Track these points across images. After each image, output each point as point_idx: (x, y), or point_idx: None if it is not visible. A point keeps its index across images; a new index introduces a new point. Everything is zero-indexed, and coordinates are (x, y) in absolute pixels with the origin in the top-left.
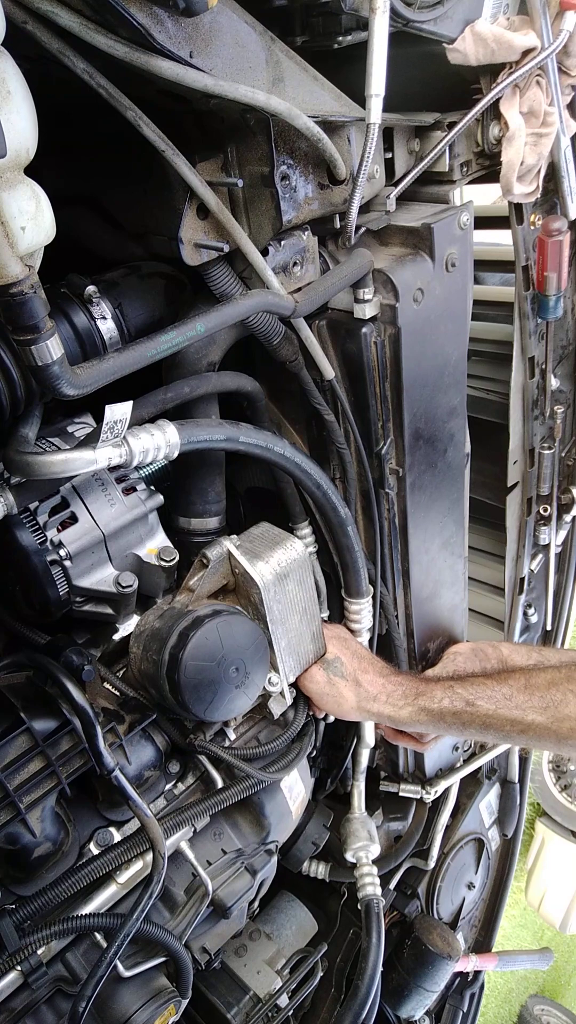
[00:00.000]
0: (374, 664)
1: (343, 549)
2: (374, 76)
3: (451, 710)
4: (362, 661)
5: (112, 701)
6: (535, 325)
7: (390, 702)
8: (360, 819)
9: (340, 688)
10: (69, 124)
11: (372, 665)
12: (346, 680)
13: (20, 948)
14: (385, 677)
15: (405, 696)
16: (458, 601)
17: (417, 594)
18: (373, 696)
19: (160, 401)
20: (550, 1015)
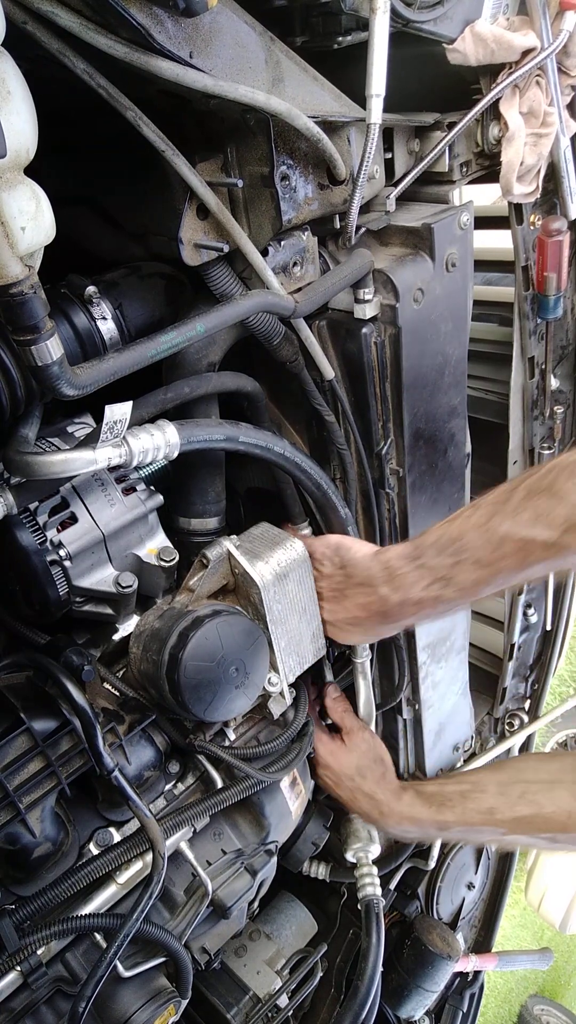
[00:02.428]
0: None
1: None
2: (374, 76)
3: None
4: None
5: (112, 701)
6: (535, 325)
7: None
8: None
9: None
10: (69, 124)
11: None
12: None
13: (20, 948)
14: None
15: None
16: None
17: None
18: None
19: (160, 401)
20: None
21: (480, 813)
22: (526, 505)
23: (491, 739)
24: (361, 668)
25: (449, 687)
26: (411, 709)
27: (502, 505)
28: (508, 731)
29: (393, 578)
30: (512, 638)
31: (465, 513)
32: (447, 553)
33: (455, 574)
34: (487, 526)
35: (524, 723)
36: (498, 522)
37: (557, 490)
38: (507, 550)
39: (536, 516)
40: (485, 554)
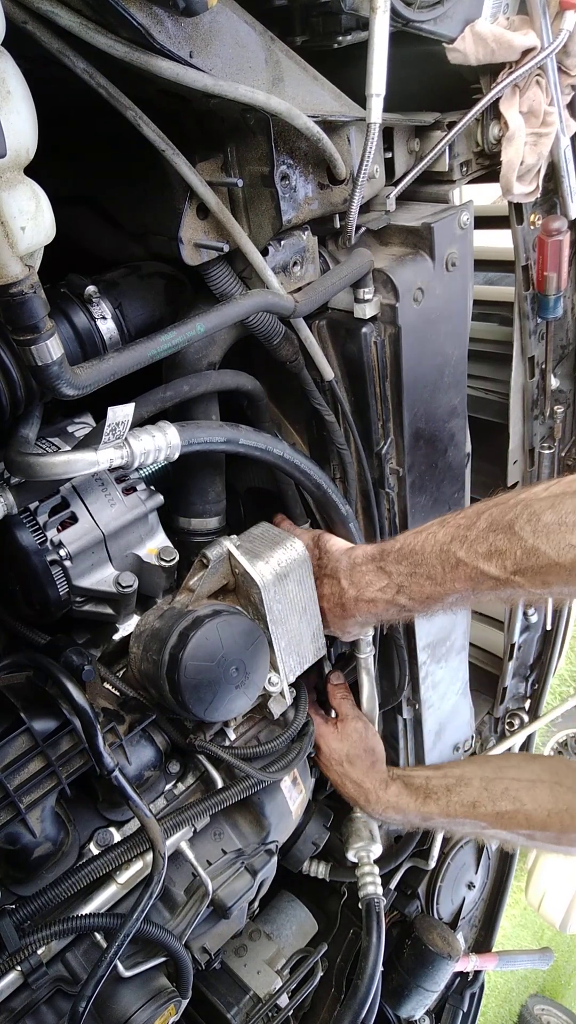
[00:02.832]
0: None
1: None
2: (374, 76)
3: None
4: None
5: (112, 701)
6: (535, 325)
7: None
8: (362, 819)
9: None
10: (69, 124)
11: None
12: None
13: (20, 948)
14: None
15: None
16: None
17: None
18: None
19: (160, 400)
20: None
21: (463, 806)
22: (485, 537)
23: (491, 739)
24: (364, 664)
25: (449, 687)
26: (411, 709)
27: (465, 531)
28: (508, 731)
29: (354, 573)
30: (512, 638)
31: (432, 527)
32: (406, 563)
33: (409, 584)
34: (447, 548)
35: (524, 723)
36: (456, 547)
37: (516, 531)
38: (460, 575)
39: (491, 552)
40: (439, 573)
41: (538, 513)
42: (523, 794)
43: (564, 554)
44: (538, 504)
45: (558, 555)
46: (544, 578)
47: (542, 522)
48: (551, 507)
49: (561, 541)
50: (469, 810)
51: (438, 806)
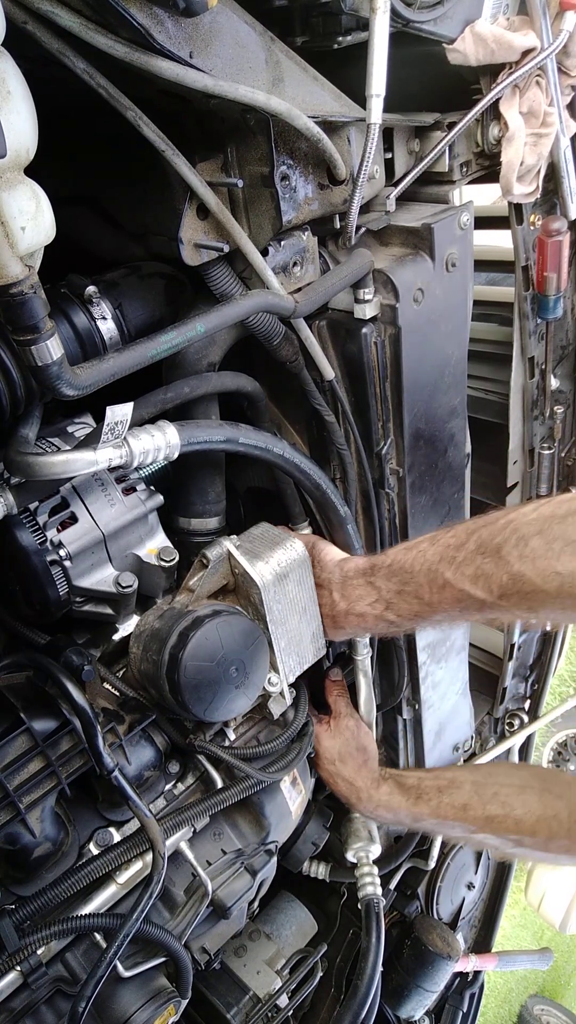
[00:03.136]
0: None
1: (344, 549)
2: (374, 76)
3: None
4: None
5: (112, 701)
6: (535, 325)
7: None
8: (361, 819)
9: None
10: (69, 124)
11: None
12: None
13: (20, 948)
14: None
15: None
16: None
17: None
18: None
19: (160, 401)
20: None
21: (454, 808)
22: (472, 560)
23: (491, 739)
24: (362, 666)
25: (449, 687)
26: (411, 709)
27: (454, 551)
28: (508, 731)
29: (345, 587)
30: (512, 638)
31: (423, 545)
32: (395, 580)
33: (397, 601)
34: (435, 568)
35: (524, 723)
36: (444, 567)
37: (503, 555)
38: (447, 596)
39: (477, 575)
40: (427, 592)
41: (526, 537)
42: (512, 799)
43: (549, 581)
44: (526, 528)
45: (543, 582)
46: (530, 603)
47: (529, 547)
48: (539, 532)
49: (547, 568)
50: (459, 812)
51: (429, 807)
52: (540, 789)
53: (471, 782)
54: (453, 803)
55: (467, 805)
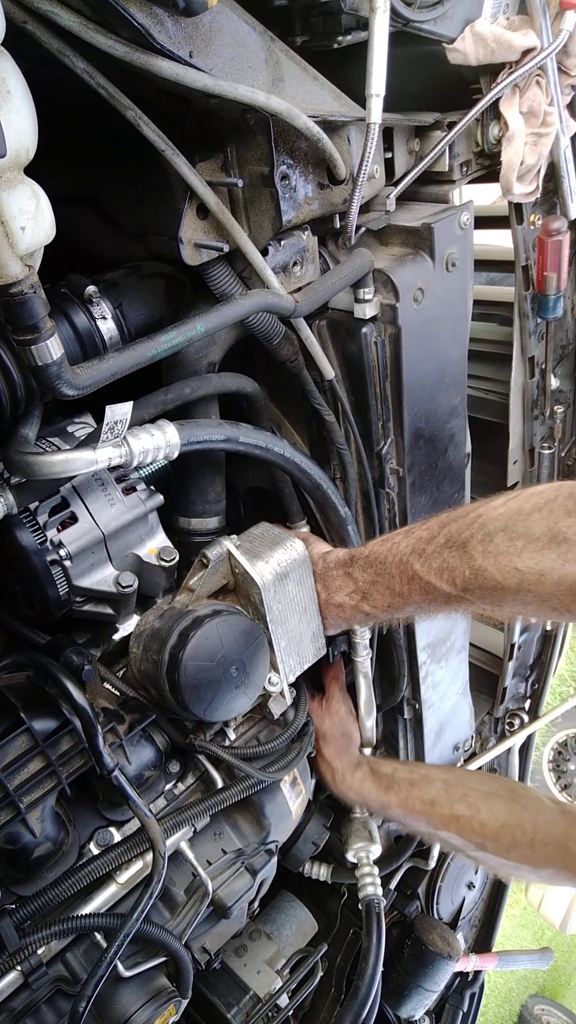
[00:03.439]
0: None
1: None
2: (374, 76)
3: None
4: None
5: (112, 701)
6: (535, 325)
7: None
8: (361, 819)
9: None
10: (69, 124)
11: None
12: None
13: (20, 948)
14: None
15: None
16: None
17: None
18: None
19: (161, 402)
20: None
21: (422, 803)
22: (440, 553)
23: (491, 739)
24: (362, 667)
25: (449, 687)
26: (411, 709)
27: (424, 544)
28: (508, 731)
29: (326, 578)
30: (512, 638)
31: (397, 537)
32: (371, 571)
33: (372, 592)
34: (406, 560)
35: (524, 723)
36: (414, 559)
37: (469, 550)
38: (416, 587)
39: (443, 568)
40: (398, 584)
41: (491, 533)
42: (480, 803)
43: (508, 577)
44: (492, 523)
45: (503, 578)
46: (492, 598)
47: (493, 543)
48: (503, 528)
49: (507, 564)
50: (427, 807)
51: (398, 797)
52: (508, 799)
53: (442, 780)
54: (422, 797)
55: (435, 801)
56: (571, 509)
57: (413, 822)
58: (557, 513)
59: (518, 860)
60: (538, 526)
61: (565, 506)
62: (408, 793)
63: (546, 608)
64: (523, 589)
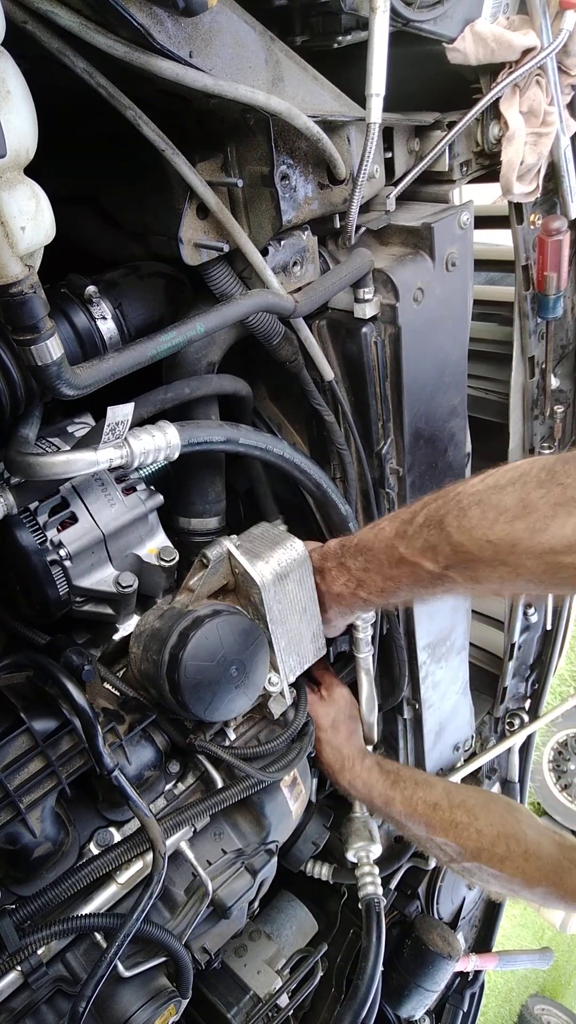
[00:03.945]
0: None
1: None
2: (374, 76)
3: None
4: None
5: (112, 701)
6: (535, 325)
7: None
8: (362, 819)
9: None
10: (69, 124)
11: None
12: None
13: (20, 948)
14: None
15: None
16: (460, 601)
17: None
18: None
19: (160, 401)
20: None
21: (425, 804)
22: (420, 533)
23: (491, 738)
24: (364, 664)
25: (449, 687)
26: (411, 709)
27: (406, 525)
28: (508, 731)
29: (322, 569)
30: (512, 638)
31: (383, 523)
32: (361, 558)
33: (365, 579)
34: (392, 543)
35: (524, 723)
36: (398, 542)
37: (444, 527)
38: (403, 570)
39: (425, 547)
40: (387, 568)
41: (466, 508)
42: (478, 811)
43: (483, 550)
44: (468, 499)
45: (479, 551)
46: (472, 573)
47: (467, 517)
48: (478, 502)
49: (481, 537)
50: (429, 809)
51: (403, 795)
52: (504, 810)
53: (443, 786)
54: (425, 799)
55: (437, 804)
56: (543, 480)
57: (412, 824)
58: (529, 485)
59: (512, 872)
60: (510, 498)
61: (538, 478)
62: (412, 792)
63: (521, 581)
64: (498, 561)
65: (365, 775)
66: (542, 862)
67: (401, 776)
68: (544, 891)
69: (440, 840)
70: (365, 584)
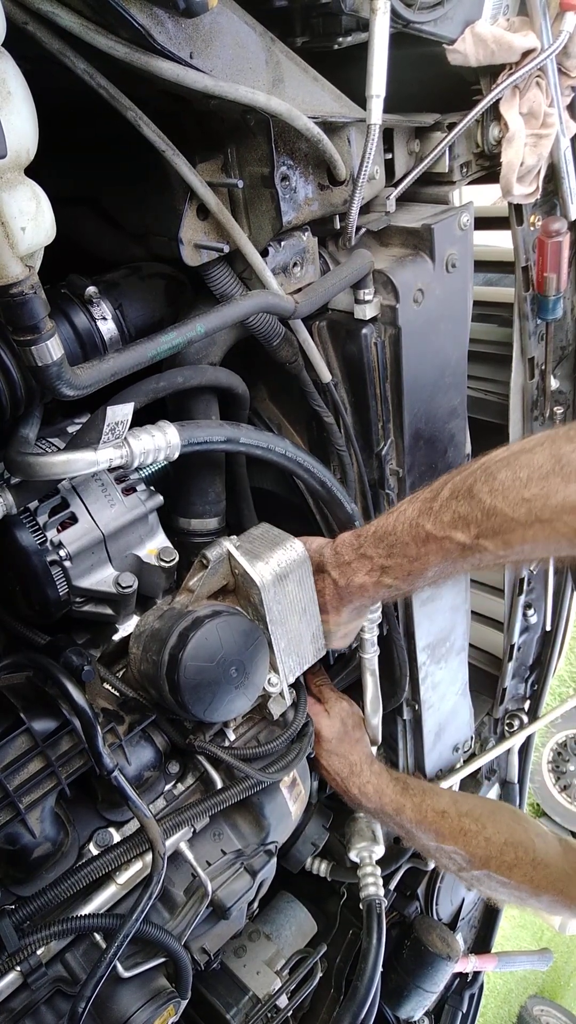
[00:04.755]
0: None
1: None
2: (375, 77)
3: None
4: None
5: (112, 701)
6: (535, 326)
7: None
8: (365, 819)
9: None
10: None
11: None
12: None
13: (20, 948)
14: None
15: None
16: (460, 602)
17: (418, 595)
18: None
19: (152, 391)
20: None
21: (434, 812)
22: (448, 506)
23: (491, 739)
24: (369, 664)
25: (449, 688)
26: (411, 710)
27: (430, 503)
28: (508, 731)
29: (340, 563)
30: (512, 639)
31: (403, 506)
32: (383, 544)
33: (390, 564)
34: (416, 523)
35: (524, 723)
36: (424, 520)
37: (474, 494)
38: (432, 548)
39: (455, 519)
40: (413, 550)
41: (494, 473)
42: (485, 819)
43: (517, 509)
44: (494, 465)
45: (513, 511)
46: (505, 537)
47: (497, 480)
48: (506, 465)
49: (515, 497)
50: (438, 817)
51: (412, 802)
52: (511, 819)
53: (448, 794)
54: (434, 807)
55: (445, 812)
56: (572, 436)
57: (421, 832)
58: (559, 442)
59: (520, 880)
60: (540, 456)
61: (567, 435)
62: (422, 799)
63: (555, 536)
64: (532, 519)
65: (375, 780)
66: (549, 870)
67: (409, 784)
68: (551, 899)
69: (449, 848)
70: (390, 570)
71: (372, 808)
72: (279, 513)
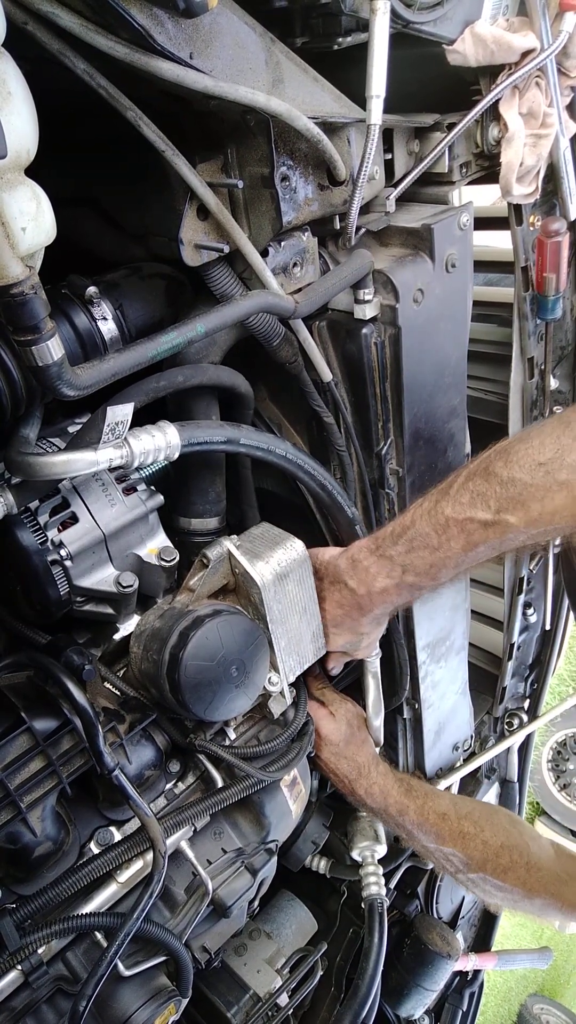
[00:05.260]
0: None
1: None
2: (374, 77)
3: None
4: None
5: (113, 701)
6: (534, 326)
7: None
8: (368, 818)
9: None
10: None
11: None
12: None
13: (21, 947)
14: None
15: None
16: (460, 601)
17: None
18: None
19: (152, 390)
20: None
21: (436, 814)
22: (465, 487)
23: (491, 738)
24: (371, 667)
25: (449, 687)
26: (411, 709)
27: (446, 490)
28: (508, 730)
29: (357, 571)
30: (511, 638)
31: (416, 503)
32: (402, 541)
33: (411, 560)
34: (434, 511)
35: (524, 722)
36: (443, 507)
37: (491, 472)
38: (452, 532)
39: (474, 498)
40: (434, 539)
41: (507, 449)
42: (484, 822)
43: (535, 474)
44: (509, 445)
45: (532, 478)
46: (526, 508)
47: (512, 452)
48: (520, 440)
49: (531, 463)
50: (439, 819)
51: (415, 804)
52: (507, 822)
53: (449, 797)
54: (436, 809)
55: (446, 815)
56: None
57: (423, 833)
58: (569, 414)
59: (514, 883)
60: (552, 426)
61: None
62: (424, 802)
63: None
64: (550, 483)
65: (381, 781)
66: (543, 874)
67: (413, 786)
68: (543, 902)
69: (448, 850)
70: (412, 567)
71: (375, 808)
72: (280, 513)
